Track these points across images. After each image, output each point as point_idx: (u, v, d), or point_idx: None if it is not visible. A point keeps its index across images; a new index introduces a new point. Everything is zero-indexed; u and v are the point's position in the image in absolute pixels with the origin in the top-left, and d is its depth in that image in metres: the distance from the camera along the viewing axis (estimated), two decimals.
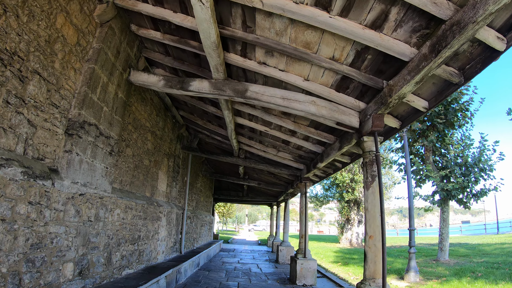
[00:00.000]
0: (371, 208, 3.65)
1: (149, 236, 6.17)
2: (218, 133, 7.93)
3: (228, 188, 17.56)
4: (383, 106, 3.51)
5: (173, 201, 8.16)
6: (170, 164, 7.86)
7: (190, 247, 9.88)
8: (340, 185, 18.45)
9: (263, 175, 11.09)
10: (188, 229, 9.65)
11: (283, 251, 10.56)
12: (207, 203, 13.99)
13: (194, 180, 10.93)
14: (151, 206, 6.17)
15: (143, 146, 6.05)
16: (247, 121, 5.99)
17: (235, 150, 7.83)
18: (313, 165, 6.67)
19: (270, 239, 18.17)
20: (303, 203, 7.69)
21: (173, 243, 8.00)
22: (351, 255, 12.99)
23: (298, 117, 5.09)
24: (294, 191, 11.60)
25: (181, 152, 8.90)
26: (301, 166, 7.76)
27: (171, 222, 7.67)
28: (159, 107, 6.87)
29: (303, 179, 7.67)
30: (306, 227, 7.44)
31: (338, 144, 4.97)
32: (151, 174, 6.48)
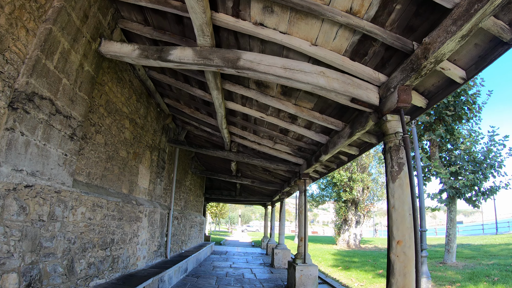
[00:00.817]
0: (399, 206, 2.85)
1: (126, 240, 5.30)
2: (207, 124, 7.09)
3: (220, 187, 16.68)
4: (413, 74, 2.74)
5: (157, 199, 7.28)
6: (153, 158, 6.99)
7: (177, 250, 9.00)
8: (337, 184, 17.74)
9: (257, 172, 10.28)
10: (175, 231, 8.77)
11: (278, 254, 9.75)
12: (198, 202, 13.11)
13: (183, 178, 10.06)
14: (128, 205, 5.30)
15: (119, 134, 5.18)
16: (239, 106, 5.17)
17: (227, 142, 7.00)
18: (314, 159, 5.87)
19: (264, 241, 17.35)
20: (302, 202, 6.90)
21: (157, 247, 7.12)
22: (351, 258, 12.25)
23: (301, 98, 4.29)
24: (291, 189, 10.80)
25: (167, 146, 8.03)
26: (300, 160, 6.96)
27: (154, 223, 6.79)
28: (140, 92, 6.01)
29: (303, 175, 6.87)
30: (306, 228, 6.65)
31: (349, 130, 4.18)
32: (129, 167, 5.61)
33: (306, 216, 6.74)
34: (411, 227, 2.81)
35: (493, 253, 11.88)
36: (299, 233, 6.82)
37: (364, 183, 17.68)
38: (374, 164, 18.78)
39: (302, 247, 6.65)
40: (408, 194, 2.88)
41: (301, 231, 6.77)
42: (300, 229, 6.79)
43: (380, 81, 3.31)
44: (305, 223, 6.68)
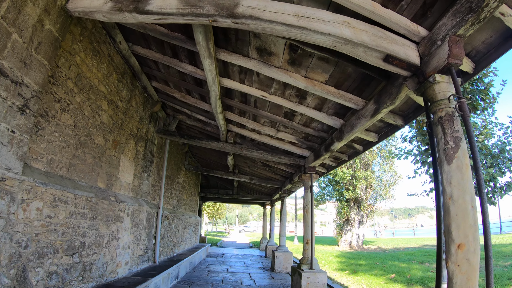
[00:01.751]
0: (459, 196, 2.05)
1: (102, 243, 4.45)
2: (200, 110, 6.27)
3: (216, 185, 15.84)
4: (471, 16, 2.00)
5: (143, 197, 6.44)
6: (139, 150, 6.15)
7: (168, 253, 8.16)
8: (340, 183, 16.95)
9: (256, 168, 9.46)
10: (166, 232, 7.92)
11: (279, 257, 8.93)
12: (192, 202, 12.27)
13: (175, 174, 9.21)
14: (104, 201, 4.46)
15: (94, 116, 4.34)
16: (237, 84, 4.34)
17: (222, 132, 6.17)
18: (324, 148, 5.06)
19: (263, 242, 16.52)
20: (308, 200, 6.08)
21: (144, 251, 6.27)
22: (356, 261, 11.45)
23: (313, 68, 3.48)
24: (293, 187, 9.99)
25: (156, 137, 7.18)
26: (305, 152, 6.16)
27: (139, 223, 5.94)
28: (122, 71, 5.18)
29: (309, 169, 6.06)
30: (313, 230, 5.83)
31: (373, 106, 3.37)
32: (107, 158, 4.77)
33: (312, 216, 5.93)
34: (474, 224, 2.02)
35: (507, 253, 11.15)
36: (305, 234, 6.00)
37: (367, 181, 16.91)
38: (378, 161, 18.04)
39: (309, 250, 5.83)
40: (470, 179, 2.09)
41: (307, 233, 5.96)
42: (306, 230, 5.98)
43: (419, 35, 2.51)
44: (311, 223, 5.87)
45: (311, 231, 5.82)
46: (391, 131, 4.22)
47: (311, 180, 6.09)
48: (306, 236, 5.95)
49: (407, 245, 20.26)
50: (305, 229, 6.00)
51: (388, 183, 17.93)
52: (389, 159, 18.18)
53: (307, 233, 5.95)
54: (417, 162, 9.92)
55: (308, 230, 5.92)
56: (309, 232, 5.91)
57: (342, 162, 6.16)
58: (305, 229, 6.00)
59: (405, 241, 24.06)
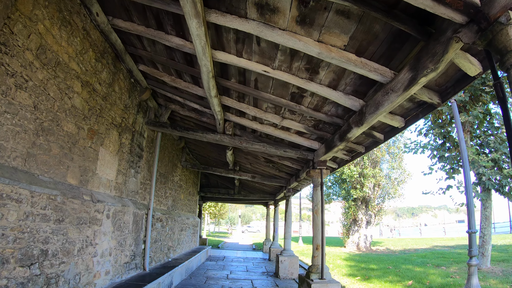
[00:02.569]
0: None
1: (72, 251, 3.71)
2: (193, 96, 5.52)
3: (217, 185, 15.09)
4: None
5: (130, 196, 5.70)
6: (124, 142, 5.41)
7: (162, 259, 7.41)
8: (347, 181, 16.13)
9: (259, 164, 8.69)
10: (159, 236, 7.18)
11: (284, 262, 8.14)
12: (191, 202, 11.53)
13: (170, 172, 8.47)
14: (74, 201, 3.72)
15: (62, 99, 3.60)
16: (233, 57, 3.57)
17: (219, 121, 5.41)
18: (339, 137, 4.28)
19: (266, 244, 15.74)
20: (319, 199, 5.30)
21: (130, 257, 5.53)
22: (367, 264, 10.64)
23: (329, 27, 2.69)
24: (299, 185, 9.21)
25: (146, 130, 6.44)
26: (315, 144, 5.38)
27: (124, 226, 5.20)
28: (102, 50, 4.44)
29: (319, 163, 5.28)
30: (323, 233, 5.05)
31: (408, 74, 2.58)
32: (81, 149, 4.03)
33: (323, 217, 5.15)
34: None
35: None
36: (315, 239, 5.22)
37: (376, 179, 16.08)
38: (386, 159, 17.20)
39: (319, 257, 5.06)
40: None
41: (317, 237, 5.17)
42: (316, 234, 5.19)
43: None
44: (322, 226, 5.09)
45: (321, 235, 5.04)
46: (422, 112, 3.43)
47: (321, 177, 5.31)
48: (316, 241, 5.17)
49: (416, 246, 19.39)
50: (315, 232, 5.22)
51: (397, 181, 17.06)
52: (398, 156, 17.34)
53: (317, 238, 5.17)
54: (434, 157, 9.09)
55: (319, 234, 5.14)
56: (319, 236, 5.13)
57: (357, 155, 5.37)
58: (315, 232, 5.22)
59: (413, 242, 23.17)
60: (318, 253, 5.13)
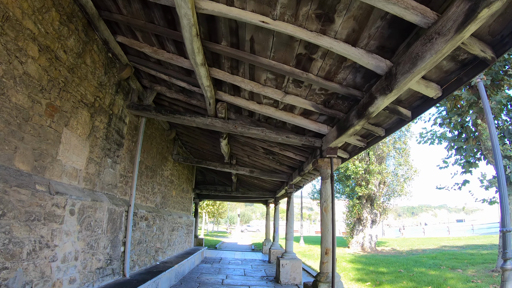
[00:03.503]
0: None
1: (19, 254, 2.85)
2: (179, 72, 4.64)
3: (213, 181, 14.22)
4: None
5: (106, 190, 4.83)
6: (98, 125, 4.54)
7: (147, 263, 6.55)
8: (352, 178, 15.26)
9: (257, 157, 7.82)
10: (144, 237, 6.32)
11: (286, 266, 7.28)
12: (184, 199, 10.66)
13: (159, 165, 7.61)
14: (21, 191, 2.86)
15: (10, 62, 2.80)
16: (222, 6, 2.70)
17: (209, 100, 4.54)
18: (357, 113, 3.40)
19: (266, 244, 14.88)
20: (328, 195, 4.43)
21: (105, 262, 4.67)
22: (375, 267, 9.78)
23: None
24: (303, 180, 8.35)
25: (128, 114, 5.58)
26: (323, 128, 4.51)
27: (95, 225, 4.34)
28: (69, 12, 3.61)
29: (328, 151, 4.41)
30: (334, 235, 4.18)
31: (465, 5, 1.70)
32: (35, 127, 3.16)
33: (333, 215, 4.28)
34: None
35: None
36: (323, 241, 4.35)
37: (382, 175, 15.23)
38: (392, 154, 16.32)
39: (329, 263, 4.20)
40: None
41: (326, 239, 4.31)
42: (325, 235, 4.33)
43: None
44: (332, 225, 4.22)
45: (332, 237, 4.17)
46: (468, 74, 2.54)
47: (331, 167, 4.44)
48: (325, 244, 4.31)
49: (423, 246, 18.55)
50: (324, 233, 4.35)
51: (403, 177, 16.18)
52: (405, 152, 16.47)
53: (326, 240, 4.30)
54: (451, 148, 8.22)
55: (328, 236, 4.28)
56: (329, 238, 4.27)
57: (374, 140, 4.48)
58: (324, 233, 4.35)
59: (419, 242, 22.33)
60: (327, 259, 4.27)
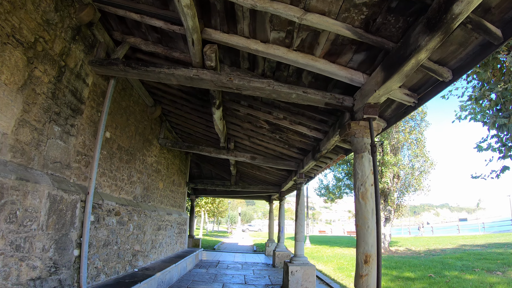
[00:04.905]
0: None
1: None
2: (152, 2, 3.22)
3: (211, 175, 12.79)
4: None
5: (49, 168, 3.42)
6: (40, 78, 3.14)
7: (120, 270, 5.12)
8: None
9: (261, 137, 6.39)
10: (114, 236, 4.90)
11: (296, 274, 5.83)
12: (176, 194, 9.25)
13: (139, 148, 6.18)
14: None
15: None
16: None
17: (191, 34, 3.09)
18: (425, 29, 1.96)
19: (269, 245, 13.44)
20: (366, 174, 2.99)
21: (47, 270, 3.26)
22: (399, 271, 8.31)
23: None
24: (313, 169, 6.91)
25: (92, 74, 4.17)
26: (357, 75, 3.08)
27: (25, 217, 2.92)
28: None
29: (365, 110, 2.99)
30: (379, 233, 2.74)
31: None
32: None
33: (377, 204, 2.83)
34: None
35: None
36: (361, 244, 2.89)
37: (398, 167, 13.76)
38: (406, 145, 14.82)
39: (370, 277, 2.77)
40: None
41: (364, 240, 2.86)
42: (363, 235, 2.88)
43: None
44: (376, 220, 2.77)
45: (376, 237, 2.73)
46: None
47: (370, 133, 3.00)
48: (365, 248, 2.86)
49: (439, 245, 17.08)
50: (362, 233, 2.91)
51: (419, 170, 14.67)
52: (421, 142, 14.99)
53: (365, 242, 2.86)
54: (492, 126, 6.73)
55: (369, 236, 2.85)
56: (370, 239, 2.84)
57: (428, 95, 3.01)
58: (362, 233, 2.91)
59: (432, 241, 20.84)
60: (367, 270, 2.83)
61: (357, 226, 2.99)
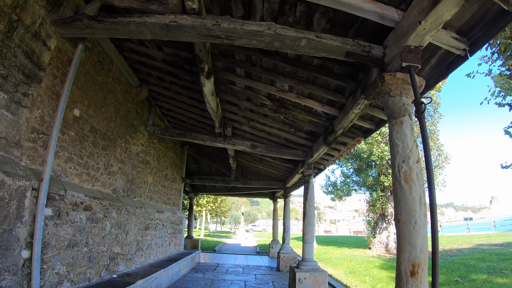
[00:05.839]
0: None
1: None
2: None
3: (210, 171, 11.92)
4: None
5: None
6: None
7: (92, 277, 4.26)
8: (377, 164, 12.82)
9: (262, 121, 5.51)
10: (83, 236, 4.04)
11: (305, 281, 4.91)
12: (169, 190, 8.40)
13: (121, 134, 5.33)
14: None
15: None
16: None
17: None
18: None
19: (273, 247, 12.54)
20: (408, 146, 2.10)
21: None
22: None
23: None
24: (324, 158, 6.01)
25: (55, 37, 3.35)
26: (390, 10, 2.19)
27: None
28: None
29: (403, 56, 2.10)
30: (436, 231, 1.85)
31: None
32: None
33: (431, 188, 1.93)
34: None
35: None
36: (405, 247, 1.97)
37: None
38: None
39: None
40: None
41: (410, 242, 1.96)
42: (409, 235, 1.97)
43: None
44: (431, 211, 1.88)
45: (433, 237, 1.84)
46: None
47: (413, 86, 2.10)
48: (411, 254, 1.95)
49: (454, 245, 15.99)
50: (407, 232, 2.00)
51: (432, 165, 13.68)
52: (435, 135, 14.00)
53: (412, 245, 1.96)
54: None
55: (417, 236, 1.95)
56: (419, 240, 1.94)
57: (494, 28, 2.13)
58: (407, 232, 2.00)
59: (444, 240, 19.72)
60: (415, 285, 1.94)
61: (398, 221, 2.08)
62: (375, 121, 4.07)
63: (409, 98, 2.33)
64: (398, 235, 2.07)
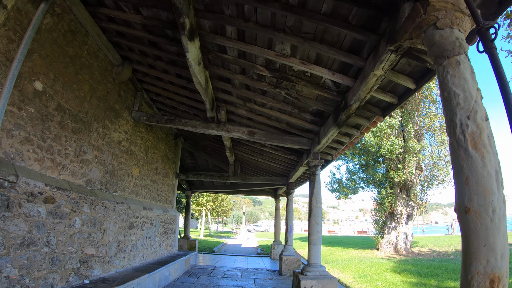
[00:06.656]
0: None
1: None
2: None
3: (207, 167, 11.19)
4: None
5: None
6: None
7: (56, 283, 3.55)
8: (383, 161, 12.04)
9: (260, 100, 4.79)
10: (42, 233, 3.34)
11: None
12: (160, 186, 7.69)
13: (99, 118, 4.62)
14: None
15: None
16: None
17: None
18: None
19: (275, 248, 11.79)
20: (472, 94, 1.39)
21: None
22: (439, 280, 6.54)
23: None
24: (333, 146, 5.29)
25: None
26: None
27: None
28: None
29: None
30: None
31: None
32: None
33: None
34: None
35: None
36: (477, 250, 1.27)
37: (424, 155, 12.00)
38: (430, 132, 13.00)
39: None
40: None
41: (488, 244, 1.24)
42: (484, 232, 1.26)
43: None
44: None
45: None
46: None
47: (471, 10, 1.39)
48: (488, 263, 1.23)
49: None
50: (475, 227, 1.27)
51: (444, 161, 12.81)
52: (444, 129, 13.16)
53: (489, 248, 1.22)
54: None
55: (499, 233, 1.22)
56: (503, 238, 1.22)
57: None
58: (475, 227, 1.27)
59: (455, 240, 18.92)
60: None
61: (466, 211, 1.33)
62: (397, 93, 3.32)
63: (462, 33, 1.60)
64: (466, 233, 1.33)
